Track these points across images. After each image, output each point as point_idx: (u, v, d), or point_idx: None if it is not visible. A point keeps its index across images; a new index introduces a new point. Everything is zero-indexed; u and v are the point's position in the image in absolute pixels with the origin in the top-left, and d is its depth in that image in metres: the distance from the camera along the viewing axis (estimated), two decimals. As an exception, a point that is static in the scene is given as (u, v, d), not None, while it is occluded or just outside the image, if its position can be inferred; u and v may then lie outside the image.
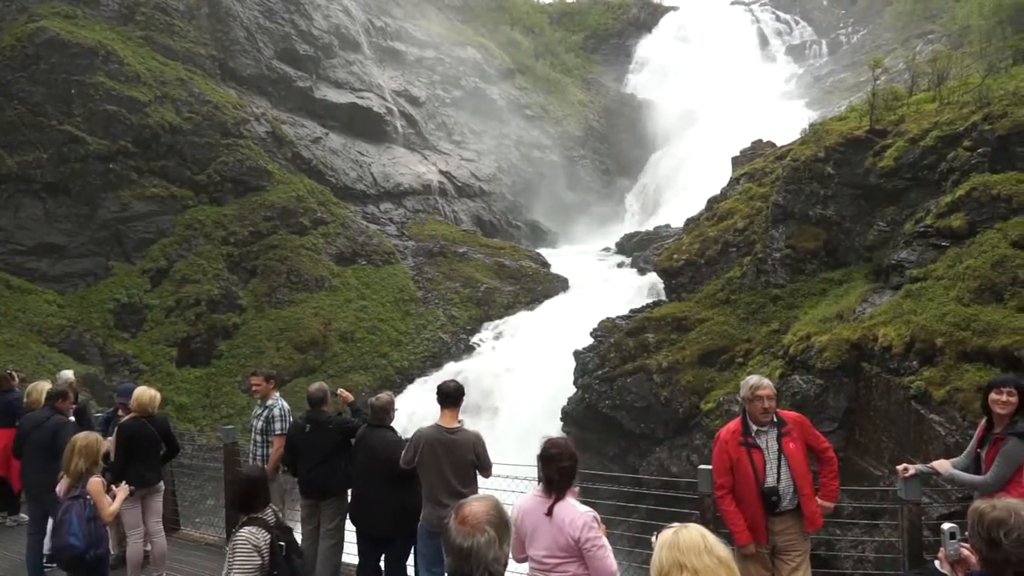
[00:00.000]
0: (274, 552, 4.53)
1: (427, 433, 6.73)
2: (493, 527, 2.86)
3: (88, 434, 6.47)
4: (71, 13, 31.61)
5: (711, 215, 24.65)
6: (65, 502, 6.02)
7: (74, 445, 6.22)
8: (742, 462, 5.96)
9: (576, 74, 57.86)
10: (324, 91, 39.43)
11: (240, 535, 4.60)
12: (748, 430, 6.04)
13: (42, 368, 21.76)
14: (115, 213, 28.75)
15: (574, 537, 4.42)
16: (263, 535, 4.56)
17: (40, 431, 8.22)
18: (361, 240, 33.42)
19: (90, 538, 6.06)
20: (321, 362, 27.77)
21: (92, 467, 6.15)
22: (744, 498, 5.95)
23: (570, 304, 30.87)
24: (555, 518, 4.50)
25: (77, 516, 6.01)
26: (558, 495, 4.55)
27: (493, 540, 2.84)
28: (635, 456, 19.37)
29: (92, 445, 6.21)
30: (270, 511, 4.86)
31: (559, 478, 4.56)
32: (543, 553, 4.49)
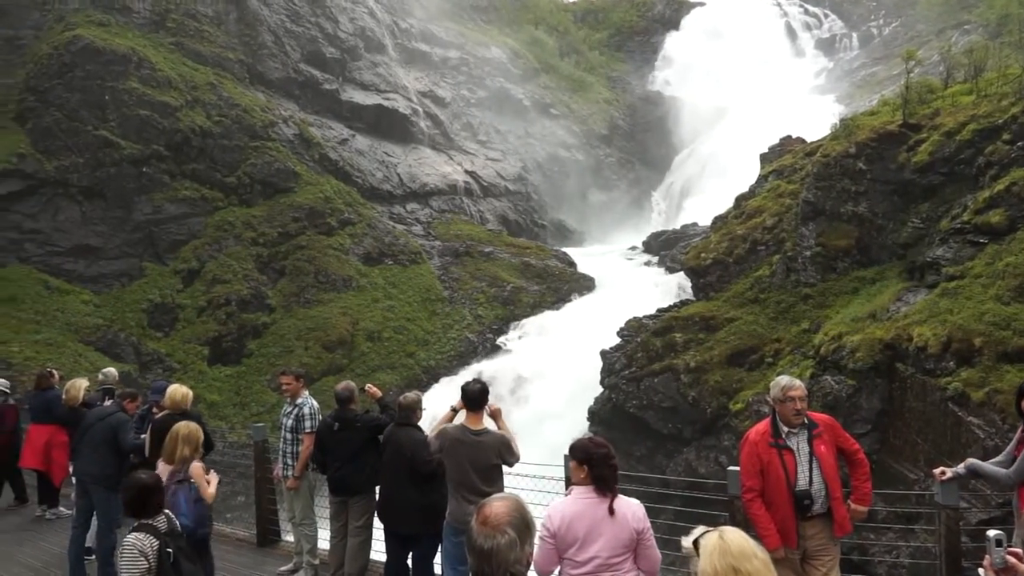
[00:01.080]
0: (161, 558, 4.60)
1: (452, 434, 6.73)
2: (514, 528, 2.83)
3: (189, 423, 6.74)
4: (104, 21, 32.20)
5: (739, 213, 24.40)
6: (172, 486, 6.25)
7: (177, 433, 6.49)
8: (773, 464, 5.83)
9: (601, 72, 57.63)
10: (350, 93, 39.72)
11: (127, 540, 4.68)
12: (778, 432, 5.92)
13: (79, 366, 22.18)
14: (148, 215, 29.23)
15: (638, 529, 4.43)
16: (150, 540, 4.63)
17: (103, 425, 8.40)
18: (388, 240, 33.61)
19: (198, 518, 6.36)
20: (349, 361, 27.97)
21: (194, 453, 6.36)
22: (774, 501, 5.83)
23: (596, 303, 30.74)
24: (618, 515, 4.47)
25: (184, 498, 6.32)
26: (614, 493, 4.53)
27: (514, 542, 2.81)
28: (662, 456, 19.23)
29: (194, 433, 6.51)
30: (163, 517, 4.95)
31: (612, 475, 4.56)
32: (607, 553, 4.44)
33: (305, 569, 8.33)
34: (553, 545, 4.48)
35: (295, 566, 8.48)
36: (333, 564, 8.00)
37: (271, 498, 9.62)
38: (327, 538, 8.12)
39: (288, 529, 9.10)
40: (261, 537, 9.65)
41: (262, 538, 9.65)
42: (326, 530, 8.16)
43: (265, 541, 9.62)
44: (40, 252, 27.15)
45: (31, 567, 8.93)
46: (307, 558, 8.35)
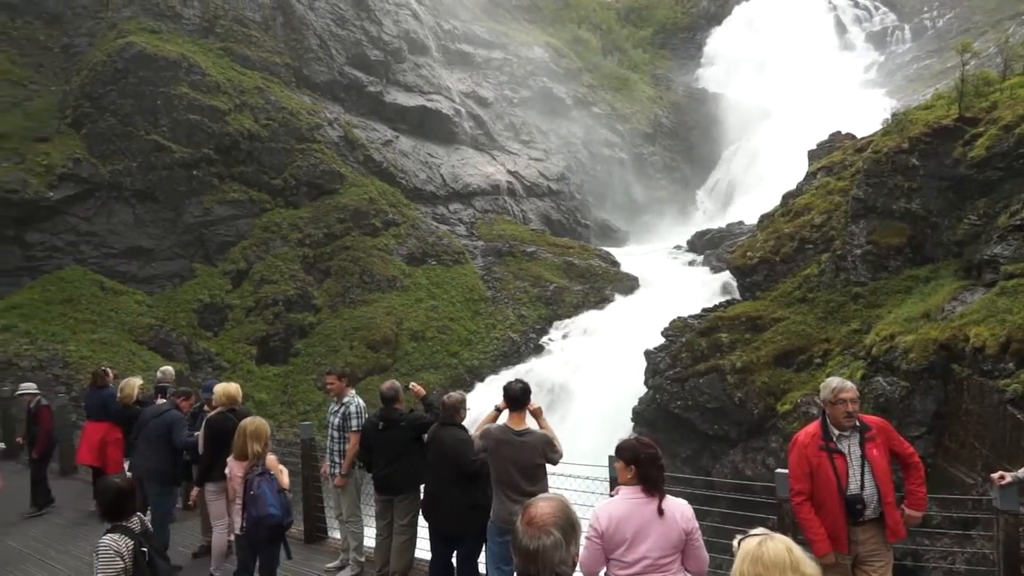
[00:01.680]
0: (136, 557, 4.75)
1: (496, 434, 6.74)
2: (559, 529, 2.81)
3: (255, 419, 6.93)
4: (156, 28, 33.05)
5: (786, 211, 23.96)
6: (254, 479, 6.47)
7: (245, 430, 6.67)
8: (823, 468, 5.69)
9: (645, 70, 57.17)
10: (394, 95, 40.09)
11: (103, 541, 4.84)
12: (829, 434, 5.78)
13: (133, 365, 22.83)
14: (198, 217, 29.91)
15: (687, 529, 4.43)
16: (125, 541, 4.78)
17: (157, 422, 8.63)
18: (431, 240, 33.83)
19: (284, 507, 6.53)
20: (393, 360, 28.22)
21: (264, 448, 6.54)
22: (824, 505, 5.68)
23: (640, 303, 30.50)
24: (667, 515, 4.47)
25: (269, 489, 6.52)
26: (662, 493, 4.52)
27: (560, 542, 2.79)
28: (708, 458, 18.98)
29: (261, 428, 6.77)
30: (136, 519, 5.08)
31: (660, 476, 4.56)
32: (656, 554, 4.42)
33: (351, 566, 8.42)
34: (600, 545, 4.47)
35: (342, 563, 8.58)
36: (379, 562, 8.08)
37: (318, 495, 9.75)
38: (373, 536, 8.20)
39: (335, 526, 9.21)
40: (308, 534, 9.79)
41: (309, 535, 9.78)
42: (372, 528, 8.24)
43: (312, 538, 9.75)
44: (96, 254, 27.98)
45: (85, 560, 9.19)
46: (353, 555, 8.44)
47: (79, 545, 9.91)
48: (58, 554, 9.53)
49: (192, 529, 9.98)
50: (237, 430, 6.90)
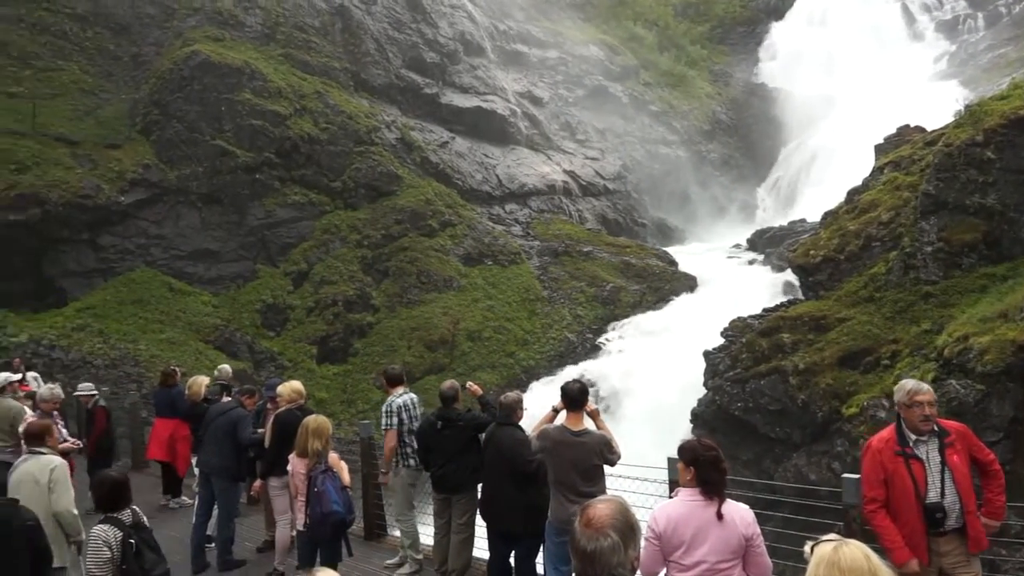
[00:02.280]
0: (125, 548, 4.90)
1: (553, 434, 6.70)
2: (617, 532, 2.77)
3: (317, 416, 7.09)
4: (219, 36, 34.01)
5: (851, 208, 23.25)
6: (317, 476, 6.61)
7: (307, 428, 6.84)
8: (899, 474, 5.43)
9: (702, 66, 56.28)
10: (450, 96, 40.37)
11: (93, 532, 5.01)
12: (905, 439, 5.51)
13: (200, 364, 23.52)
14: (261, 220, 30.67)
15: (747, 535, 4.35)
16: (114, 532, 4.95)
17: (223, 419, 8.88)
18: (487, 241, 33.96)
19: (347, 504, 6.67)
20: (450, 360, 28.42)
21: (326, 445, 6.70)
22: (901, 514, 5.41)
23: (698, 303, 30.06)
24: (726, 519, 4.39)
25: (332, 487, 6.65)
26: (722, 497, 4.44)
27: (617, 545, 2.75)
28: (770, 461, 18.54)
29: (323, 426, 6.92)
30: (128, 512, 5.21)
31: (720, 479, 4.48)
32: (715, 558, 4.34)
33: (409, 563, 8.48)
34: (658, 547, 4.42)
35: (401, 559, 8.66)
36: (437, 560, 8.12)
37: (377, 493, 9.86)
38: (431, 534, 8.25)
39: (394, 524, 9.31)
40: (368, 531, 9.91)
41: (369, 532, 9.90)
42: (429, 526, 8.29)
43: (372, 535, 9.87)
44: (164, 256, 28.94)
45: (156, 552, 9.47)
46: (410, 553, 8.50)
47: (149, 538, 10.23)
48: (129, 546, 9.85)
49: (256, 524, 10.20)
50: (299, 428, 7.02)
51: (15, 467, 6.58)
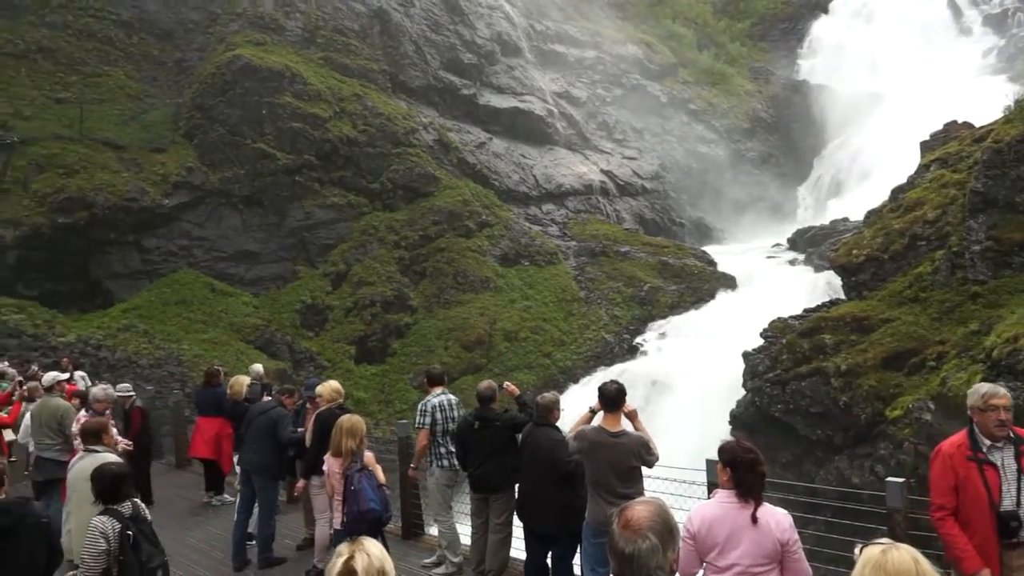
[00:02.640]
0: (122, 540, 4.99)
1: (590, 435, 6.67)
2: (656, 534, 2.74)
3: (351, 416, 7.18)
4: (261, 40, 34.57)
5: (896, 206, 22.74)
6: (354, 475, 6.72)
7: (341, 427, 6.92)
8: (971, 480, 5.18)
9: (742, 63, 55.57)
10: (487, 97, 40.47)
11: (92, 522, 5.11)
12: (978, 444, 5.29)
13: (241, 363, 23.88)
14: (300, 221, 31.09)
15: (782, 540, 4.25)
16: (112, 523, 5.03)
17: (264, 418, 9.01)
18: (524, 241, 33.96)
19: (383, 502, 6.75)
20: (487, 361, 28.48)
21: (360, 444, 6.77)
22: (972, 522, 5.17)
23: (738, 303, 29.68)
24: (761, 523, 4.30)
25: (368, 485, 6.73)
26: (758, 500, 4.36)
27: (656, 547, 2.71)
28: (811, 464, 18.22)
29: (356, 425, 6.99)
30: (128, 504, 5.29)
31: (756, 482, 4.39)
32: (748, 561, 4.28)
33: (447, 564, 8.51)
34: (693, 547, 4.39)
35: (438, 559, 8.69)
36: (474, 559, 8.13)
37: (415, 492, 9.91)
38: (469, 533, 8.27)
39: (431, 523, 9.35)
40: (406, 530, 9.96)
41: (407, 531, 9.95)
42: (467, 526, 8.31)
43: (409, 534, 9.92)
44: (207, 258, 29.51)
45: (198, 549, 9.67)
46: (447, 553, 8.52)
47: (193, 534, 10.43)
48: (174, 542, 10.04)
49: (296, 521, 10.33)
50: (334, 427, 7.08)
51: (72, 465, 6.75)
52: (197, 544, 9.85)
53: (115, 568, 4.98)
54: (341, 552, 3.08)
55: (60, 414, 9.52)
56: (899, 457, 15.47)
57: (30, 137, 28.33)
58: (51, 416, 9.58)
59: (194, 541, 9.99)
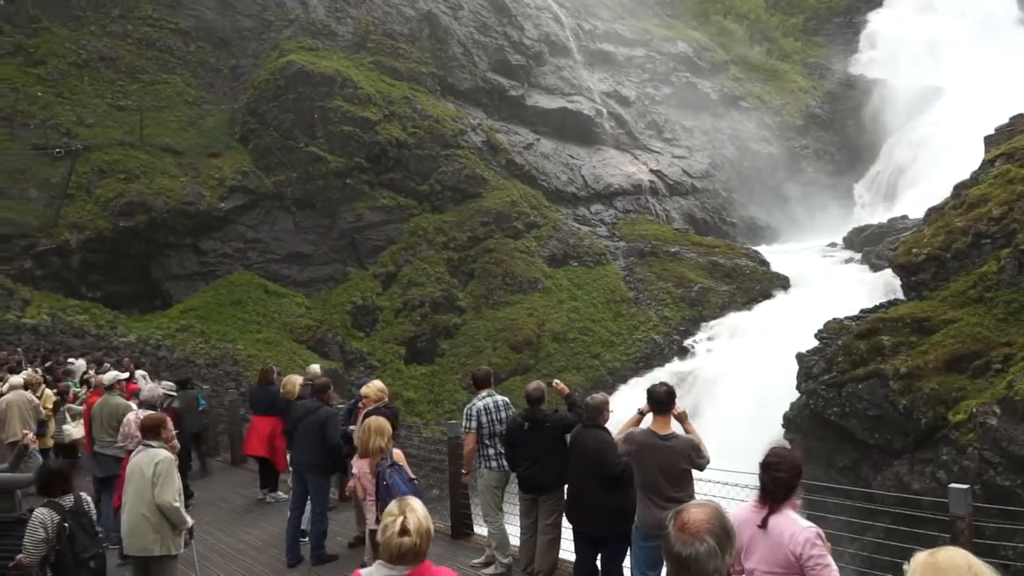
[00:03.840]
0: (60, 530, 5.33)
1: (640, 438, 6.59)
2: (714, 536, 2.68)
3: (378, 417, 7.28)
4: (313, 46, 35.19)
5: (959, 203, 21.99)
6: (385, 471, 6.88)
7: (369, 427, 7.11)
8: None
9: (796, 59, 54.47)
10: (535, 98, 40.47)
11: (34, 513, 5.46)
12: None
13: (294, 363, 24.36)
14: (351, 223, 31.54)
15: (795, 553, 4.12)
16: (51, 515, 5.38)
17: (313, 417, 9.13)
18: (572, 242, 33.85)
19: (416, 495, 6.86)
20: (535, 361, 28.46)
21: (389, 442, 6.99)
22: None
23: (791, 304, 29.11)
24: (771, 531, 4.21)
25: (400, 480, 6.86)
26: (772, 506, 4.27)
27: (714, 550, 2.66)
28: (868, 469, 17.73)
29: (384, 424, 7.11)
30: (70, 498, 5.61)
31: (773, 488, 4.29)
32: (764, 568, 4.21)
33: (496, 564, 8.51)
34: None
35: (487, 559, 8.69)
36: (524, 560, 8.12)
37: (464, 492, 9.94)
38: (518, 534, 8.25)
39: (481, 523, 9.36)
40: (455, 529, 10.00)
41: (456, 530, 9.99)
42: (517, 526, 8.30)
43: (459, 533, 9.95)
44: (261, 260, 30.15)
45: (253, 545, 9.85)
46: (497, 554, 8.52)
47: (247, 530, 10.64)
48: (230, 539, 10.27)
49: (348, 520, 10.45)
50: (362, 428, 7.17)
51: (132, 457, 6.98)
52: (253, 540, 10.04)
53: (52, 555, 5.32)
54: (392, 512, 3.48)
55: (120, 412, 9.79)
56: (962, 463, 14.96)
57: (93, 144, 29.33)
58: (111, 414, 9.87)
59: (250, 538, 10.19)
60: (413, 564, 3.44)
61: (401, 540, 3.40)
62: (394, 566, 3.44)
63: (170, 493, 6.64)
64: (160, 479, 6.58)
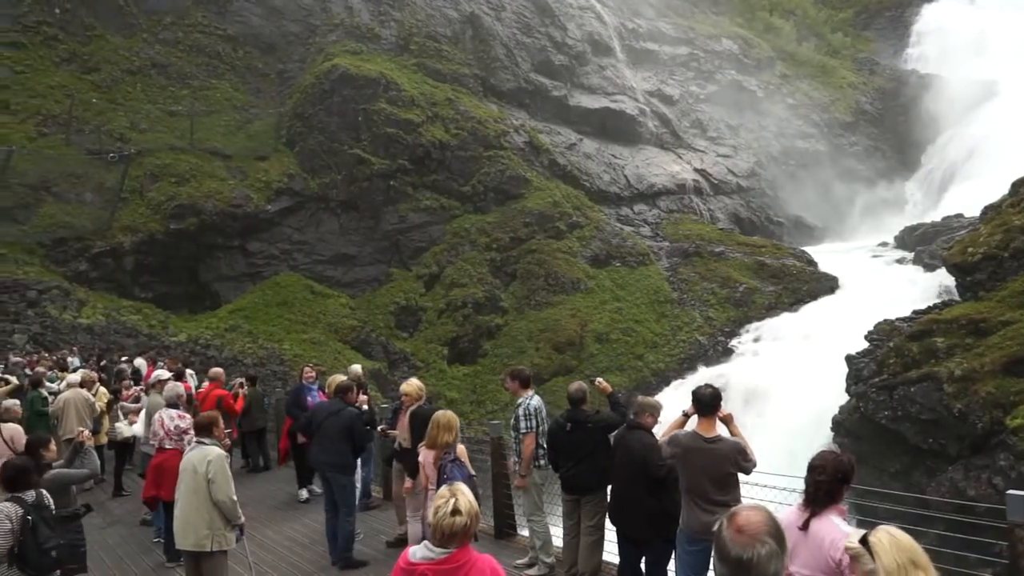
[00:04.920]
0: (23, 523, 5.60)
1: (684, 440, 6.51)
2: (774, 538, 2.64)
3: (446, 412, 7.48)
4: (357, 50, 35.62)
5: (1017, 200, 21.28)
6: (447, 465, 7.04)
7: (437, 422, 7.29)
8: None
9: (845, 55, 53.38)
10: (578, 98, 40.34)
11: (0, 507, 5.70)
12: None
13: (338, 363, 24.66)
14: (394, 225, 31.82)
15: (835, 559, 4.09)
16: (15, 509, 5.60)
17: (336, 419, 9.11)
18: (615, 242, 33.64)
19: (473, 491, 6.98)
20: (578, 362, 28.35)
21: (455, 438, 7.14)
22: None
23: (840, 305, 28.49)
24: (811, 535, 4.19)
25: (460, 474, 7.00)
26: (814, 510, 4.25)
27: (775, 552, 2.62)
28: (921, 474, 17.25)
29: (452, 420, 7.23)
30: (32, 492, 5.83)
31: (814, 492, 4.29)
32: (804, 572, 4.16)
33: (539, 565, 8.48)
34: None
35: (530, 560, 8.67)
36: (567, 562, 8.07)
37: (507, 492, 9.92)
38: (560, 535, 8.21)
39: (524, 524, 9.33)
40: (498, 530, 9.99)
41: (499, 530, 9.98)
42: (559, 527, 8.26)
43: (502, 534, 9.94)
44: (306, 261, 30.61)
45: (299, 542, 10.00)
46: (540, 555, 8.49)
47: (292, 526, 10.81)
48: (275, 534, 10.44)
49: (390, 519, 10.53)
50: (431, 421, 7.26)
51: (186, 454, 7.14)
52: (299, 537, 10.18)
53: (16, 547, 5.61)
54: (444, 495, 3.71)
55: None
56: (1020, 468, 14.47)
57: (145, 149, 30.13)
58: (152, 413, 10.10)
59: (296, 534, 10.34)
60: (460, 545, 3.65)
61: (453, 519, 3.61)
62: (442, 547, 3.64)
63: (225, 489, 6.78)
64: (214, 476, 6.73)
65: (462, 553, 3.68)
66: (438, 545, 3.66)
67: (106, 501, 12.66)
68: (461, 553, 3.68)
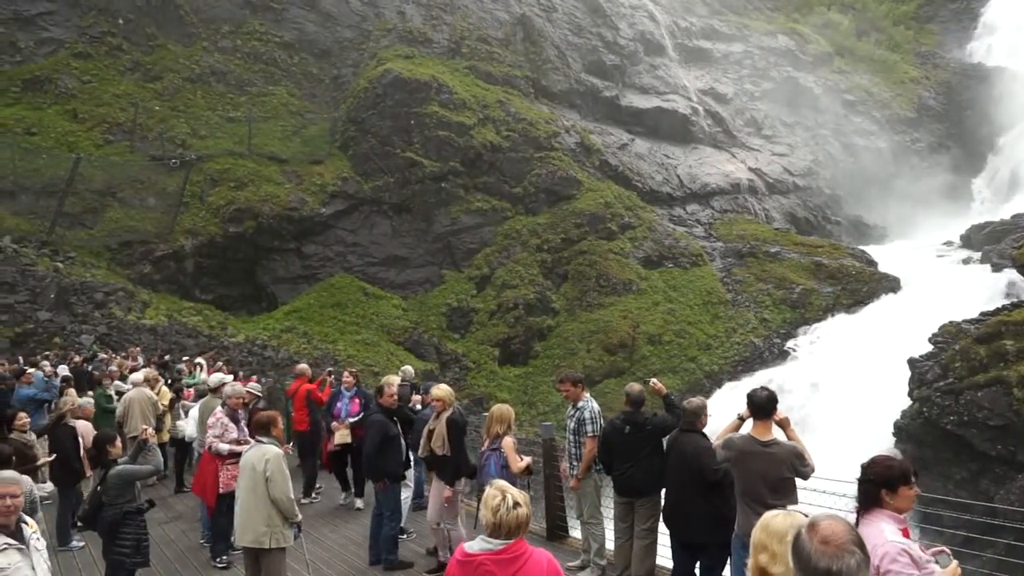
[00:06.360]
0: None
1: (739, 444, 6.39)
2: (860, 548, 2.56)
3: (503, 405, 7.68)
4: (409, 53, 36.01)
5: (1092, 197, 20.36)
6: (487, 452, 7.38)
7: (492, 415, 7.64)
8: None
9: (907, 49, 51.79)
10: (630, 98, 40.06)
11: None
12: None
13: (391, 364, 24.94)
14: (446, 227, 32.06)
15: (875, 565, 3.97)
16: None
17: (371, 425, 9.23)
18: (668, 243, 33.28)
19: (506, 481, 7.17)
20: (630, 364, 28.11)
21: (507, 430, 7.45)
22: None
23: (901, 306, 27.62)
24: None
25: (495, 463, 7.35)
26: (859, 513, 4.16)
27: (863, 562, 2.53)
28: (989, 482, 16.62)
29: (506, 413, 7.62)
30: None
31: (862, 495, 4.21)
32: None
33: (592, 568, 8.43)
34: None
35: (583, 563, 8.62)
36: (620, 564, 8.01)
37: (559, 494, 9.89)
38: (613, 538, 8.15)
39: (575, 525, 9.28)
40: (550, 531, 9.97)
41: (551, 532, 9.96)
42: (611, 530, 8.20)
43: (553, 535, 9.92)
44: (360, 263, 31.05)
45: (355, 541, 10.14)
46: (594, 558, 8.43)
47: (348, 526, 10.98)
48: (332, 533, 10.62)
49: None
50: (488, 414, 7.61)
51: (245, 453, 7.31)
52: (355, 537, 10.32)
53: None
54: (495, 494, 3.80)
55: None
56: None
57: (205, 154, 30.97)
58: (206, 414, 10.34)
59: (353, 534, 10.49)
60: (517, 537, 3.79)
61: (517, 512, 3.74)
62: (501, 540, 3.76)
63: (283, 487, 6.92)
64: (272, 474, 6.88)
65: (519, 544, 3.80)
66: (503, 536, 3.77)
67: (168, 497, 13.05)
68: (518, 544, 3.80)
